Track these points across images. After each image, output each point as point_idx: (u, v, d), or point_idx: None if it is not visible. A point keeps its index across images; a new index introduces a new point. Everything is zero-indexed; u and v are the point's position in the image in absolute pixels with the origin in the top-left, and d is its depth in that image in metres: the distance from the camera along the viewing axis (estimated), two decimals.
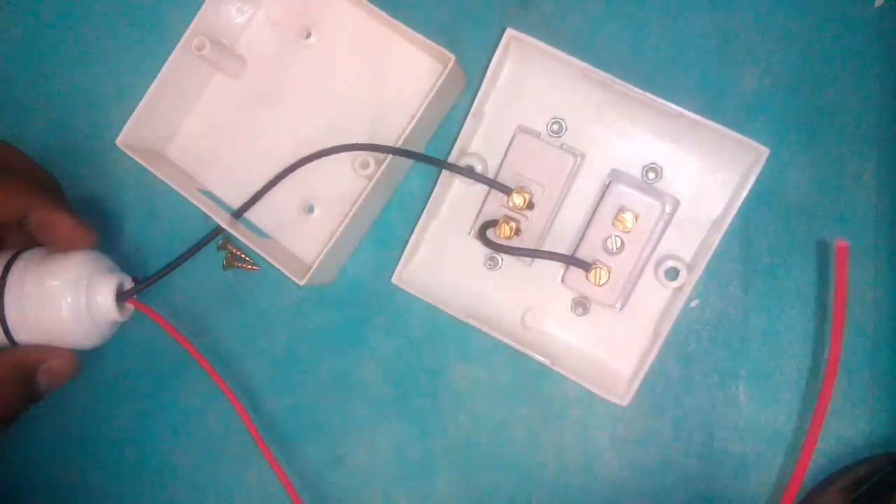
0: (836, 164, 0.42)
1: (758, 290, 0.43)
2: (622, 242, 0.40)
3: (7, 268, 0.41)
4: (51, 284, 0.40)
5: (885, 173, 0.42)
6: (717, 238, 0.39)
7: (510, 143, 0.42)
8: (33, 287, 0.40)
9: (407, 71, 0.44)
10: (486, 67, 0.41)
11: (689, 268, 0.40)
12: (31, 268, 0.41)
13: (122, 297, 0.42)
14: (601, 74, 0.39)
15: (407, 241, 0.41)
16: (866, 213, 0.42)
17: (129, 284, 0.43)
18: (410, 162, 0.45)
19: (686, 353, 0.43)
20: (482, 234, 0.40)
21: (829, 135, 0.42)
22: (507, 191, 0.40)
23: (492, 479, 0.44)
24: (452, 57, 0.40)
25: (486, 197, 0.42)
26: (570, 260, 0.40)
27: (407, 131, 0.41)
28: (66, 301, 0.40)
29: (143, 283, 0.42)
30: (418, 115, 0.40)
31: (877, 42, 0.42)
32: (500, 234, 0.41)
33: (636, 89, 0.38)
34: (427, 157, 0.41)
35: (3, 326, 0.40)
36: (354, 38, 0.45)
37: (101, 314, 0.41)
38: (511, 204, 0.40)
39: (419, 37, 0.42)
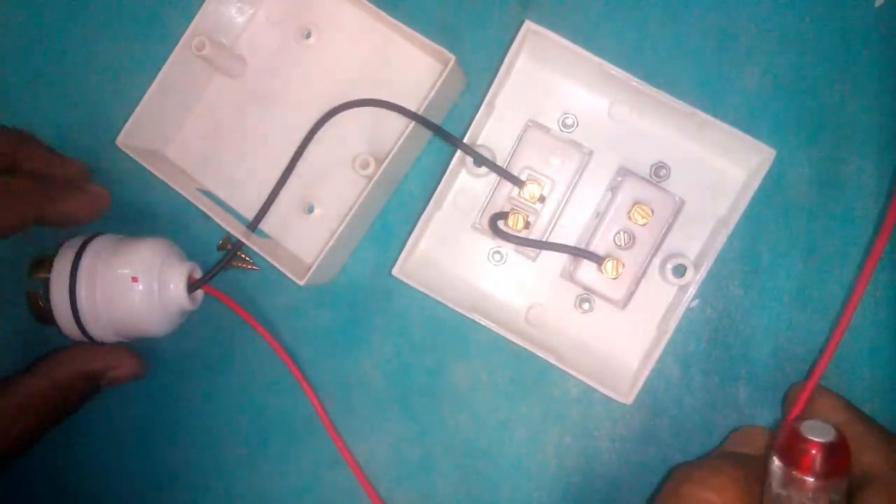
0: (836, 164, 0.42)
1: (758, 290, 0.43)
2: (632, 237, 0.40)
3: (79, 254, 0.41)
4: (122, 272, 0.40)
5: (885, 173, 0.42)
6: (723, 236, 0.39)
7: (520, 137, 0.42)
8: (105, 274, 0.40)
9: (407, 71, 0.44)
10: (490, 64, 0.41)
11: (695, 265, 0.40)
12: (102, 254, 0.41)
13: (192, 286, 0.42)
14: (618, 71, 0.39)
15: (407, 239, 0.41)
16: (866, 213, 0.42)
17: (198, 273, 0.43)
18: (411, 161, 0.45)
19: (686, 353, 0.43)
20: (493, 225, 0.40)
21: (829, 135, 0.42)
22: (519, 183, 0.40)
23: (492, 479, 0.44)
24: (452, 57, 0.40)
25: (494, 188, 0.42)
26: (584, 253, 0.40)
27: (407, 131, 0.41)
28: (139, 289, 0.40)
29: (213, 271, 0.43)
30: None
31: (877, 42, 0.42)
32: (513, 226, 0.41)
33: (652, 87, 0.38)
34: (448, 134, 0.40)
35: (74, 313, 0.40)
36: (354, 38, 0.45)
37: (172, 303, 0.42)
38: (525, 196, 0.40)
39: (419, 37, 0.42)
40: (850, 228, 0.42)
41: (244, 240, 0.42)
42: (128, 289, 0.40)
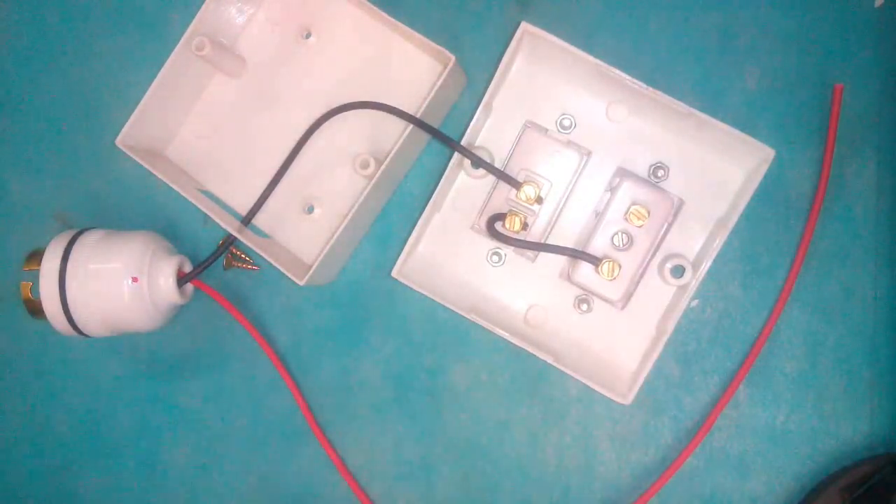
0: (836, 164, 0.42)
1: (758, 290, 0.43)
2: (630, 238, 0.40)
3: (68, 247, 0.40)
4: (112, 266, 0.40)
5: (885, 173, 0.42)
6: (723, 237, 0.39)
7: (518, 138, 0.42)
8: (94, 268, 0.40)
9: (407, 71, 0.44)
10: (490, 65, 0.41)
11: (694, 266, 0.40)
12: (91, 248, 0.41)
13: (182, 279, 0.42)
14: (614, 72, 0.39)
15: (407, 240, 0.41)
16: (866, 213, 0.42)
17: (188, 266, 0.43)
18: (411, 161, 0.45)
19: (686, 353, 0.43)
20: (490, 227, 0.40)
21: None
22: (516, 185, 0.40)
23: (492, 479, 0.44)
24: (452, 57, 0.40)
25: (492, 190, 0.42)
26: (581, 254, 0.40)
27: (407, 131, 0.41)
28: (128, 283, 0.40)
29: (203, 264, 0.42)
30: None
31: (877, 42, 0.42)
32: (510, 227, 0.41)
33: (648, 87, 0.38)
34: (443, 135, 0.40)
35: (63, 307, 0.40)
36: (354, 39, 0.45)
37: (162, 297, 0.41)
38: (521, 197, 0.40)
39: (419, 37, 0.42)
40: (850, 228, 0.42)
41: (237, 235, 0.42)
42: (117, 283, 0.40)
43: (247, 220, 0.43)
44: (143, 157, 0.43)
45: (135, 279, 0.40)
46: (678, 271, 0.40)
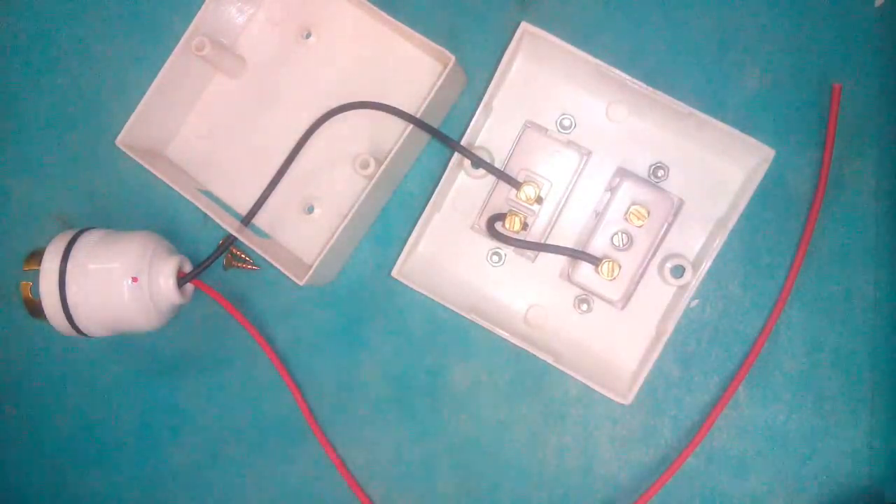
0: (835, 164, 0.42)
1: (758, 290, 0.43)
2: (630, 238, 0.40)
3: (68, 247, 0.40)
4: (112, 266, 0.40)
5: (885, 173, 0.42)
6: (723, 237, 0.39)
7: (518, 138, 0.42)
8: (94, 268, 0.40)
9: (407, 71, 0.44)
10: (490, 65, 0.41)
11: (694, 266, 0.40)
12: (91, 248, 0.41)
13: (182, 279, 0.42)
14: (614, 72, 0.39)
15: (407, 240, 0.41)
16: (866, 213, 0.42)
17: (188, 266, 0.43)
18: (411, 161, 0.45)
19: (686, 353, 0.43)
20: (490, 227, 0.40)
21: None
22: (516, 185, 0.40)
23: (492, 479, 0.44)
24: (452, 57, 0.40)
25: (492, 190, 0.42)
26: (581, 254, 0.40)
27: (407, 131, 0.41)
28: (128, 283, 0.40)
29: (203, 264, 0.42)
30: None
31: (877, 42, 0.42)
32: (510, 227, 0.41)
33: (648, 87, 0.38)
34: (442, 135, 0.40)
35: (63, 307, 0.40)
36: (354, 39, 0.45)
37: (162, 297, 0.41)
38: (521, 197, 0.40)
39: (419, 37, 0.42)
40: (850, 228, 0.42)
41: (237, 235, 0.42)
42: (117, 283, 0.40)
43: (247, 220, 0.43)
44: (143, 157, 0.43)
45: (135, 279, 0.40)
46: (678, 271, 0.40)
